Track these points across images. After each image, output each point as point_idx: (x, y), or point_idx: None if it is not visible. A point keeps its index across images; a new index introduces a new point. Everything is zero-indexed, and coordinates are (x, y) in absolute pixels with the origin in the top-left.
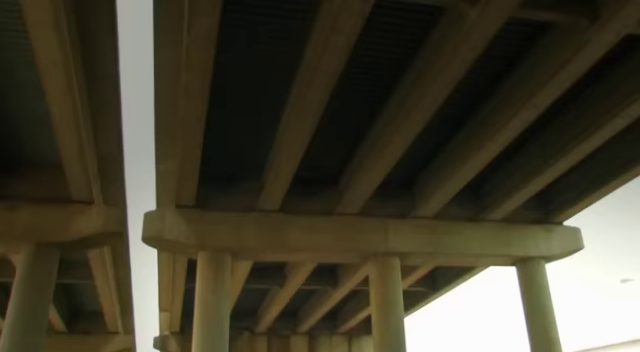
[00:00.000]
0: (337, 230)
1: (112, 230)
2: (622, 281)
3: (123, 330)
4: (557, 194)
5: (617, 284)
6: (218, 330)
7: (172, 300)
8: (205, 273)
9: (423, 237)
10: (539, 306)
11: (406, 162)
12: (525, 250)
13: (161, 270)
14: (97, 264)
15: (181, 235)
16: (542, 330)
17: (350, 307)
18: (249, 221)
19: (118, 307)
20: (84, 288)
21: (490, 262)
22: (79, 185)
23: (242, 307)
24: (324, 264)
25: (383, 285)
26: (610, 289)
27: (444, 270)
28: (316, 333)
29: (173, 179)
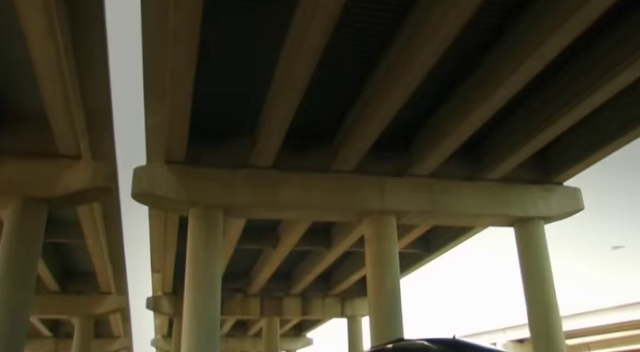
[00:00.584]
0: (332, 188)
1: (101, 186)
2: (613, 248)
3: (116, 290)
4: (557, 154)
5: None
6: (210, 289)
7: (164, 261)
8: (196, 230)
9: (420, 196)
10: (537, 267)
11: (403, 119)
12: (524, 210)
13: (152, 230)
14: (87, 223)
15: (171, 191)
16: (540, 292)
17: (343, 269)
18: (241, 178)
19: (110, 267)
20: (76, 248)
21: (488, 222)
22: (66, 139)
23: (235, 268)
24: (318, 225)
25: (378, 244)
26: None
27: (439, 232)
28: (309, 295)
29: (163, 134)
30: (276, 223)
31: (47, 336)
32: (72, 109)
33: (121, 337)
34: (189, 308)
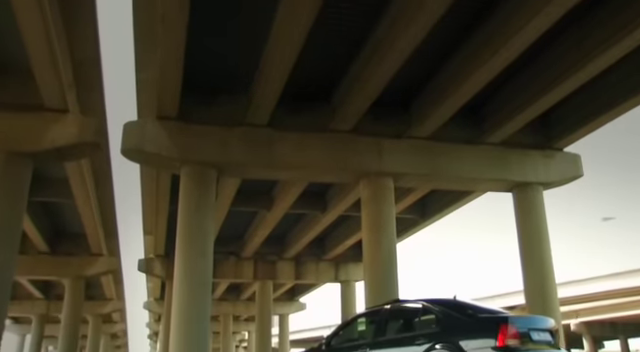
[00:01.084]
0: (329, 148)
1: (89, 141)
2: (604, 219)
3: (107, 252)
4: (559, 119)
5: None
6: (202, 249)
7: (156, 222)
8: (188, 189)
9: (418, 158)
10: (535, 234)
11: (403, 79)
12: (523, 175)
13: (144, 189)
14: (76, 181)
15: (162, 148)
16: (537, 259)
17: (338, 233)
18: (236, 136)
19: (101, 228)
20: (65, 208)
21: (487, 187)
22: (51, 91)
23: (228, 231)
24: (313, 188)
25: (375, 206)
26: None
27: (435, 197)
28: (303, 259)
29: (154, 88)
30: (271, 185)
31: (38, 298)
32: (57, 60)
33: (113, 300)
34: (180, 269)
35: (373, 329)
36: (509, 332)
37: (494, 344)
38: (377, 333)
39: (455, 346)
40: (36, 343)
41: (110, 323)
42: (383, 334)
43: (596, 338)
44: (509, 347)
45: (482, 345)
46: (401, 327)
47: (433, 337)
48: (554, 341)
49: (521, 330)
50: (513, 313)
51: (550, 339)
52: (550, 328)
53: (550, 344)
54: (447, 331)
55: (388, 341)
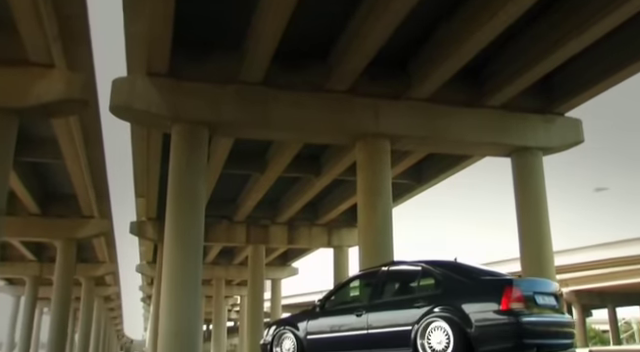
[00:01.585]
0: (325, 108)
1: (77, 97)
2: (596, 190)
3: (99, 214)
4: (560, 83)
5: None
6: (193, 210)
7: (147, 185)
8: (179, 148)
9: (416, 120)
10: (533, 200)
11: (402, 37)
12: (523, 140)
13: (134, 150)
14: (65, 140)
15: (152, 105)
16: (534, 226)
17: (332, 198)
18: (228, 93)
19: (92, 189)
20: (56, 168)
21: (486, 151)
22: (36, 45)
23: (220, 194)
24: (307, 151)
25: (371, 168)
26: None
27: (431, 162)
28: (296, 224)
29: (144, 42)
30: (264, 147)
31: (31, 260)
32: (42, 11)
33: (106, 262)
34: (171, 230)
35: (369, 291)
36: (513, 295)
37: (497, 308)
38: (373, 295)
39: (456, 309)
40: (30, 304)
41: (103, 286)
42: (380, 296)
43: (585, 307)
44: (513, 311)
45: (484, 308)
46: (399, 289)
47: (433, 300)
48: (558, 305)
49: (526, 293)
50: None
51: (555, 303)
52: (555, 292)
53: (554, 309)
54: (448, 294)
55: (385, 304)
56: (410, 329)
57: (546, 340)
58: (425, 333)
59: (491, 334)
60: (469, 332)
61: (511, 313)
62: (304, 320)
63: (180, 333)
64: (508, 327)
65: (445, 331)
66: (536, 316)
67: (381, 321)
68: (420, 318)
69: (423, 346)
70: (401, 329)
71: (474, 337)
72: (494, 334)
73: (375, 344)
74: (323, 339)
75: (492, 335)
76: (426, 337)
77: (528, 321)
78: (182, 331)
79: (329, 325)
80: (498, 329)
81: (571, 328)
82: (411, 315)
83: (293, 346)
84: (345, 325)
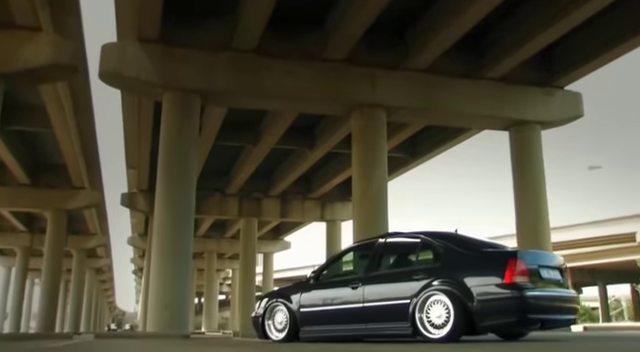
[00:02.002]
0: (320, 77)
1: (65, 63)
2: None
3: (90, 185)
4: (561, 55)
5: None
6: (184, 179)
7: (139, 155)
8: (171, 116)
9: (414, 91)
10: (531, 174)
11: (401, 4)
12: (522, 113)
13: (125, 119)
14: (54, 108)
15: (143, 72)
16: (531, 201)
17: (325, 171)
18: (221, 61)
19: (82, 160)
20: (45, 138)
21: (483, 124)
22: (22, 7)
23: (213, 166)
24: (301, 122)
25: (367, 140)
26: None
27: (427, 135)
28: (289, 197)
29: (134, 6)
30: (258, 118)
31: (22, 231)
32: None
33: (98, 234)
34: (161, 201)
35: (365, 263)
36: (518, 268)
37: (500, 281)
38: (370, 268)
39: (457, 282)
40: (21, 275)
41: (95, 258)
42: (376, 269)
43: (576, 284)
44: (517, 285)
45: (487, 282)
46: (397, 261)
47: (433, 272)
48: (563, 280)
49: (530, 267)
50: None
51: (559, 278)
52: (559, 266)
53: (559, 283)
54: (448, 266)
55: (382, 276)
56: (408, 302)
57: (550, 315)
58: (424, 307)
59: (493, 308)
60: (470, 306)
61: (515, 287)
62: (297, 292)
63: (170, 305)
64: (511, 301)
65: (445, 305)
66: (540, 290)
67: (377, 294)
68: (419, 291)
69: (421, 320)
70: (398, 302)
71: (475, 311)
72: (496, 308)
73: (371, 318)
74: (317, 312)
75: (494, 309)
76: (425, 311)
77: (532, 295)
78: (172, 303)
79: (323, 298)
80: (501, 303)
81: (575, 303)
82: (409, 288)
83: (285, 319)
84: (340, 298)
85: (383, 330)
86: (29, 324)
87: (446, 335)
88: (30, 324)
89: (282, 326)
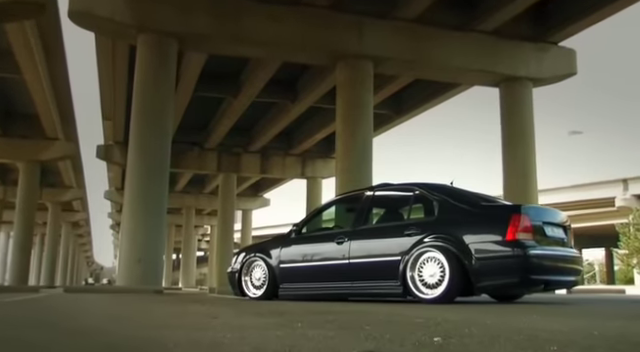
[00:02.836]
0: (303, 23)
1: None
2: (571, 133)
3: (64, 136)
4: (557, 9)
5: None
6: (159, 131)
7: (114, 106)
8: (146, 60)
9: (402, 42)
10: (519, 133)
11: None
12: (513, 69)
13: (100, 66)
14: (22, 51)
15: (116, 12)
16: (520, 159)
17: (307, 127)
18: (200, 2)
19: (56, 109)
20: (15, 85)
21: (473, 79)
22: None
23: (191, 119)
24: (284, 74)
25: (352, 92)
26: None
27: (412, 91)
28: (269, 153)
29: None
30: (238, 69)
31: None
32: None
33: (73, 188)
34: (135, 149)
35: (353, 217)
36: (521, 224)
37: (502, 238)
38: (357, 221)
39: (453, 238)
40: None
41: (71, 212)
42: (365, 222)
43: None
44: (519, 242)
45: (487, 239)
46: (387, 215)
47: (427, 227)
48: (567, 238)
49: (534, 223)
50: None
51: (563, 236)
52: (563, 223)
53: (563, 242)
54: (444, 221)
55: (370, 231)
56: (399, 260)
57: (554, 276)
58: (416, 264)
59: (493, 267)
60: (468, 265)
61: (518, 244)
62: (277, 247)
63: (143, 259)
64: (514, 260)
65: (440, 263)
66: (545, 249)
67: (365, 250)
68: (411, 247)
69: (413, 279)
70: (388, 259)
71: (473, 270)
72: (497, 267)
73: (357, 275)
74: (298, 268)
75: (495, 269)
76: (417, 269)
77: (536, 254)
78: (145, 257)
79: (306, 253)
80: (502, 262)
81: (579, 264)
82: (401, 244)
83: (264, 275)
84: (324, 253)
85: (370, 289)
86: (5, 276)
87: (440, 295)
88: (6, 276)
89: (260, 283)
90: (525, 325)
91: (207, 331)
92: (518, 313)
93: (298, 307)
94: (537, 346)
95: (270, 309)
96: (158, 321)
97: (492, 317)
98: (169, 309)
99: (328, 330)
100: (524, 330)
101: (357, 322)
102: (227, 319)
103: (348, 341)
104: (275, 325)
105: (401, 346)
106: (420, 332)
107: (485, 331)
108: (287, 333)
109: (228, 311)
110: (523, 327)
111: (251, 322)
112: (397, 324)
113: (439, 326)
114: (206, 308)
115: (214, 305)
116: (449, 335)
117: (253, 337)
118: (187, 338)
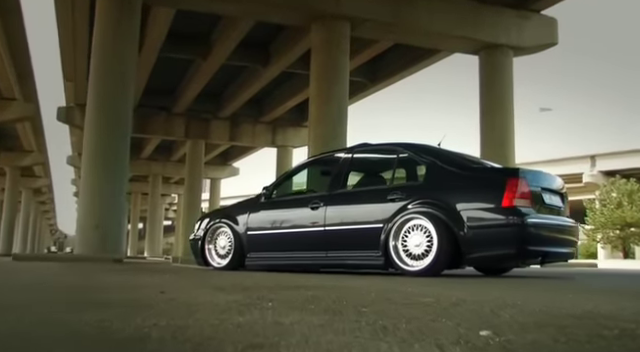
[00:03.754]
0: None
1: None
2: (541, 110)
3: (22, 97)
4: None
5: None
6: (121, 89)
7: (75, 65)
8: (106, 12)
9: (382, 3)
10: (499, 101)
11: None
12: (495, 36)
13: (59, 22)
14: None
15: None
16: (498, 129)
17: (279, 93)
18: None
19: (12, 67)
20: None
21: (454, 46)
22: None
23: (158, 82)
24: (256, 36)
25: (328, 54)
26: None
27: (387, 59)
28: (239, 120)
29: None
30: (208, 28)
31: None
32: None
33: (34, 152)
34: (93, 107)
35: (329, 180)
36: (519, 189)
37: (497, 205)
38: (334, 185)
39: (443, 204)
40: None
41: (32, 177)
42: (342, 186)
43: None
44: (517, 210)
45: (480, 205)
46: (368, 178)
47: (413, 192)
48: (563, 207)
49: (533, 189)
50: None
51: (561, 204)
52: (560, 190)
53: (560, 211)
54: (432, 185)
55: (349, 195)
56: (380, 227)
57: (552, 248)
58: (400, 233)
59: (488, 237)
60: (458, 234)
61: (515, 212)
62: (245, 212)
63: (101, 226)
64: (510, 229)
65: (427, 231)
66: (543, 218)
67: (343, 216)
68: (395, 214)
69: (396, 249)
70: (368, 227)
71: (465, 240)
72: (492, 237)
73: (334, 244)
74: (268, 236)
75: (489, 238)
76: (401, 238)
77: (535, 223)
78: (103, 224)
79: (276, 219)
80: (498, 231)
81: (575, 235)
82: (383, 210)
83: (230, 243)
84: (296, 220)
85: (347, 259)
86: None
87: (426, 268)
88: None
89: (225, 251)
90: (579, 306)
91: (140, 313)
92: (545, 290)
93: (267, 279)
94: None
95: (234, 282)
96: (89, 296)
97: (518, 295)
98: (115, 280)
99: (312, 314)
100: (586, 314)
101: (346, 302)
102: (177, 294)
103: (353, 336)
104: (237, 305)
105: (440, 348)
106: (447, 320)
107: (540, 319)
108: (253, 319)
109: (183, 284)
110: (585, 309)
111: (206, 299)
112: (402, 306)
113: (459, 308)
114: (158, 279)
115: (170, 276)
116: (493, 325)
117: (198, 326)
118: (101, 326)
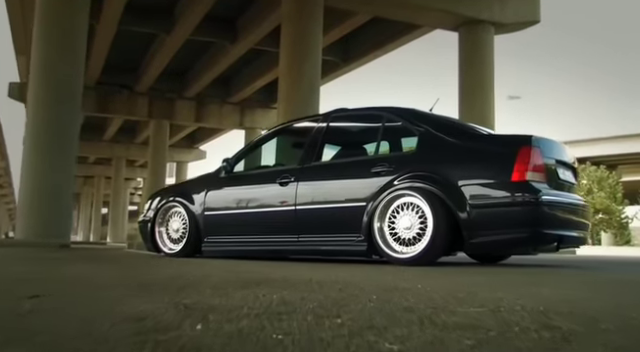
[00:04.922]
0: None
1: None
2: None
3: None
4: None
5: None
6: (70, 53)
7: (26, 37)
8: None
9: None
10: (479, 81)
11: None
12: (476, 11)
13: None
14: None
15: None
16: (478, 109)
17: (246, 73)
18: None
19: None
20: None
21: (433, 20)
22: None
23: (120, 58)
24: (222, 10)
25: (298, 24)
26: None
27: (361, 37)
28: (205, 100)
29: None
30: (172, 3)
31: None
32: None
33: None
34: (37, 70)
35: (302, 151)
36: (532, 161)
37: (506, 179)
38: (308, 157)
39: (439, 179)
40: None
41: None
42: (317, 158)
43: None
44: (529, 185)
45: (485, 180)
46: (347, 149)
47: (402, 164)
48: (576, 184)
49: (547, 161)
50: None
51: (573, 180)
52: (572, 163)
53: (572, 188)
54: (426, 156)
55: (325, 168)
56: (363, 206)
57: (568, 231)
58: (387, 213)
59: (496, 218)
60: (459, 214)
61: (527, 188)
62: (202, 190)
63: (42, 209)
64: (522, 209)
65: (420, 211)
66: (560, 195)
67: (317, 194)
68: (380, 190)
69: (382, 232)
70: (348, 205)
71: (468, 222)
72: (500, 218)
73: (306, 227)
74: (228, 217)
75: (496, 219)
76: (387, 219)
77: (551, 201)
78: (45, 207)
79: (239, 198)
80: (506, 211)
81: (588, 218)
82: (366, 185)
83: (184, 226)
84: (263, 198)
85: (323, 244)
86: None
87: (418, 255)
88: None
89: (179, 235)
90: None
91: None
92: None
93: (221, 271)
94: None
95: (174, 274)
96: None
97: (570, 291)
98: (18, 270)
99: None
100: None
101: (341, 309)
102: (59, 299)
103: None
104: (137, 330)
105: None
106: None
107: None
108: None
109: (101, 277)
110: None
111: (99, 309)
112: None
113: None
114: (85, 270)
115: (106, 265)
116: None
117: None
118: None
